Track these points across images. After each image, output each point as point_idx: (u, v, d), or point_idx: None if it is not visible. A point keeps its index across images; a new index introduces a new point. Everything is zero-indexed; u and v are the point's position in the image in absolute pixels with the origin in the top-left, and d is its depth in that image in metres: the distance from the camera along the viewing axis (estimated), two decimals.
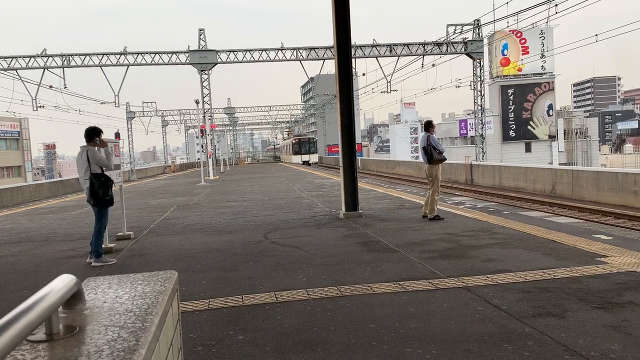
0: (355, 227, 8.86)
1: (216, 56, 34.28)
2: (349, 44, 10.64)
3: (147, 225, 10.59)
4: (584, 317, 3.94)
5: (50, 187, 30.12)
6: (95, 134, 7.28)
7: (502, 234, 7.56)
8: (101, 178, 7.16)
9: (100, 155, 7.22)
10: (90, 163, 7.07)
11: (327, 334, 3.87)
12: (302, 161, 60.06)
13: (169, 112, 71.26)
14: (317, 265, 6.13)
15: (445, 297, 4.65)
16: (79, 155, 7.21)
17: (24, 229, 11.11)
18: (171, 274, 1.82)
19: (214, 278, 5.80)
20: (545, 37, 56.17)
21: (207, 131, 32.63)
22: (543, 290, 4.68)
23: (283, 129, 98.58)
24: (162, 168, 65.16)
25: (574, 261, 5.69)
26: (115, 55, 32.89)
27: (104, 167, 7.22)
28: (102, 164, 7.17)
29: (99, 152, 7.26)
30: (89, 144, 7.23)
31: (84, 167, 7.10)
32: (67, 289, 1.34)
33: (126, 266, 6.80)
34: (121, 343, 1.19)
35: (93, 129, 7.40)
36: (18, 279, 6.37)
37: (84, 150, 7.16)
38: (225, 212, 12.30)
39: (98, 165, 7.13)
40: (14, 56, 32.01)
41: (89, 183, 7.10)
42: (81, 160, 7.14)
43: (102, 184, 7.14)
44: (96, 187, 7.08)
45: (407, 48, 34.11)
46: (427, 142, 9.45)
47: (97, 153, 7.19)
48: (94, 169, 7.10)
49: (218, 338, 3.91)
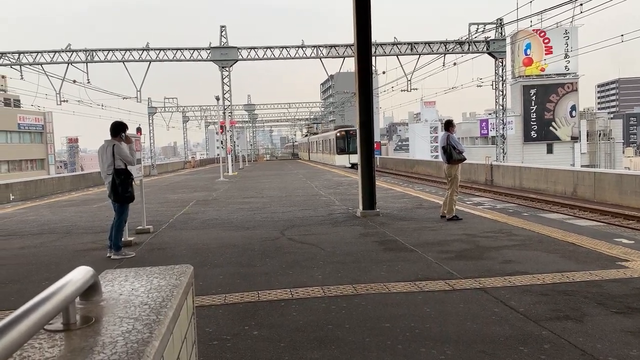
0: (372, 226, 8.84)
1: (237, 53, 34.46)
2: (369, 42, 10.61)
3: (167, 219, 10.71)
4: (602, 322, 3.88)
5: (73, 180, 30.62)
6: (121, 129, 7.31)
7: (521, 235, 7.48)
8: (122, 175, 7.16)
9: (125, 151, 7.24)
10: (115, 158, 7.09)
11: (341, 331, 3.88)
12: (351, 163, 38.27)
13: (190, 108, 71.91)
14: (334, 263, 6.14)
15: (462, 297, 4.62)
16: (103, 149, 7.23)
17: (46, 221, 11.32)
18: (186, 267, 1.84)
19: (230, 273, 5.85)
20: (570, 37, 55.29)
21: (227, 127, 32.82)
22: (561, 294, 4.62)
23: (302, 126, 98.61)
24: (182, 163, 65.78)
25: (594, 265, 5.60)
26: (137, 51, 33.28)
27: (127, 163, 7.25)
28: (125, 160, 7.19)
29: (124, 148, 7.28)
30: (114, 139, 7.24)
31: (107, 161, 7.13)
32: (84, 281, 1.36)
33: (144, 260, 6.89)
34: (135, 335, 1.21)
35: (120, 123, 7.43)
36: (40, 270, 6.50)
37: (109, 145, 7.16)
38: (244, 208, 12.37)
39: (122, 161, 7.15)
40: (39, 51, 32.59)
41: (110, 178, 7.13)
42: (105, 155, 7.16)
43: (123, 181, 7.15)
44: (117, 183, 7.11)
45: (428, 46, 33.89)
46: (447, 141, 9.37)
47: (123, 149, 7.21)
48: (117, 164, 7.11)
49: (234, 333, 3.94)
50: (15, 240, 8.86)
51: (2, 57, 32.39)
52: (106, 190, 7.46)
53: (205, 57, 34.33)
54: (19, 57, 32.42)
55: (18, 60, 32.33)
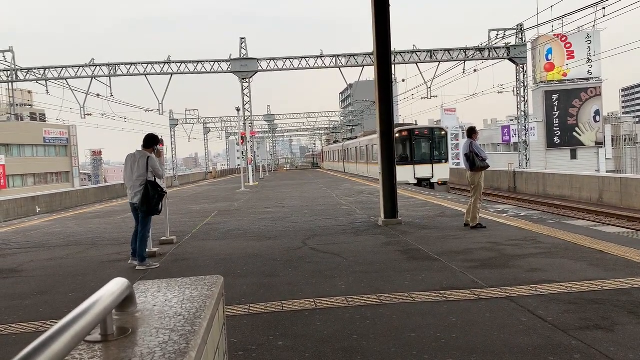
0: (394, 235, 8.80)
1: (257, 64, 34.74)
2: (388, 50, 10.62)
3: (190, 230, 10.81)
4: (634, 331, 3.80)
5: (97, 193, 31.11)
6: (155, 142, 7.36)
7: (547, 243, 7.37)
8: (157, 188, 7.19)
9: (157, 164, 7.28)
10: (147, 170, 7.11)
11: (366, 341, 3.86)
12: (418, 178, 26.65)
13: (211, 119, 72.59)
14: (356, 273, 6.12)
15: (488, 307, 4.57)
16: (134, 159, 7.21)
17: (72, 233, 11.51)
18: (217, 278, 1.86)
19: (254, 283, 5.87)
20: (592, 41, 54.56)
21: (248, 138, 33.05)
22: (590, 302, 4.54)
23: (321, 135, 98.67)
24: (204, 174, 66.38)
25: (623, 272, 5.49)
26: (159, 64, 33.78)
27: (157, 177, 7.28)
28: (156, 174, 7.23)
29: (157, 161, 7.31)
30: (147, 150, 7.26)
31: (139, 171, 7.12)
32: (120, 292, 1.39)
33: (169, 270, 6.95)
34: (172, 345, 1.23)
35: (154, 136, 7.47)
36: (67, 281, 6.60)
37: (143, 156, 7.17)
38: (265, 217, 12.42)
39: (153, 173, 7.18)
40: (64, 66, 33.28)
41: (143, 189, 7.10)
42: (137, 165, 7.15)
43: (158, 193, 7.19)
44: (151, 194, 7.10)
45: (447, 54, 33.74)
46: (470, 148, 9.31)
47: (156, 162, 7.25)
48: (149, 176, 7.14)
49: (258, 343, 3.96)
50: (43, 252, 9.03)
51: (29, 73, 33.16)
52: (127, 200, 7.48)
53: (226, 69, 34.68)
54: (45, 72, 33.15)
55: (44, 76, 33.06)
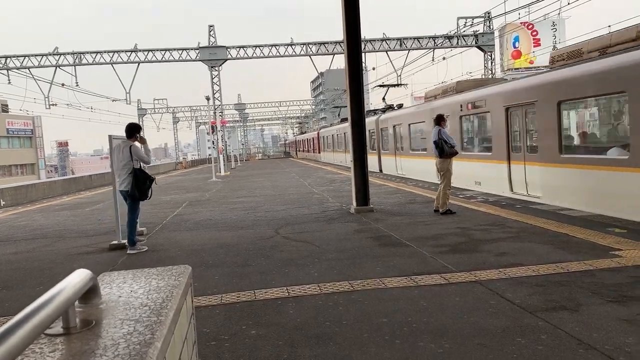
0: (366, 222, 8.86)
1: (226, 52, 34.37)
2: (358, 38, 10.60)
3: (160, 221, 10.66)
4: (598, 311, 3.91)
5: (64, 185, 30.40)
6: (136, 131, 7.63)
7: (515, 227, 7.52)
8: (145, 174, 7.49)
9: (141, 152, 7.54)
10: (132, 158, 7.40)
11: (339, 328, 3.88)
12: None
13: (180, 108, 71.63)
14: (329, 260, 6.14)
15: (458, 291, 4.64)
16: (119, 148, 7.52)
17: (38, 226, 11.24)
18: (185, 268, 1.83)
19: (226, 273, 5.84)
20: (557, 29, 55.56)
21: (218, 127, 32.73)
22: (556, 284, 4.65)
23: (293, 124, 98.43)
24: (174, 164, 65.47)
25: (587, 254, 5.65)
26: (126, 53, 33.09)
27: (144, 163, 7.58)
28: (142, 160, 7.53)
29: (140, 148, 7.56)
30: (130, 139, 7.54)
31: (124, 160, 7.43)
32: (83, 284, 1.36)
33: (139, 262, 6.86)
34: (137, 336, 1.20)
35: (134, 125, 7.75)
36: (34, 275, 6.45)
37: (126, 145, 7.46)
38: (237, 207, 12.34)
39: (138, 161, 7.46)
40: (27, 54, 32.33)
41: (132, 177, 7.39)
42: (121, 155, 7.46)
43: (149, 179, 7.50)
44: (141, 181, 7.41)
45: (417, 42, 33.96)
46: (439, 136, 9.41)
47: (139, 149, 7.52)
48: (135, 164, 7.43)
49: (231, 333, 3.94)
50: (8, 245, 8.79)
51: None
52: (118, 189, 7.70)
53: (194, 57, 34.20)
54: (6, 61, 32.14)
55: (5, 65, 32.06)
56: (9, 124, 60.44)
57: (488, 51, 34.50)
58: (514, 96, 11.72)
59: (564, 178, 9.84)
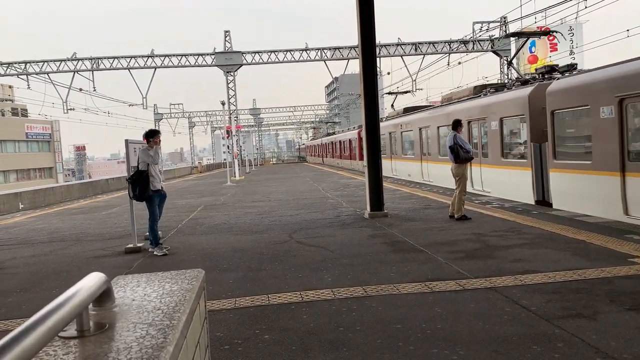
0: (380, 227, 8.82)
1: (241, 57, 34.57)
2: (373, 43, 10.59)
3: (175, 225, 10.73)
4: (615, 319, 3.85)
5: (81, 188, 30.76)
6: (149, 135, 8.07)
7: (531, 233, 7.43)
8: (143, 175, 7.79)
9: (144, 156, 7.88)
10: (138, 162, 7.90)
11: (353, 333, 3.86)
12: None
13: (196, 113, 72.16)
14: (343, 265, 6.12)
15: (473, 297, 4.60)
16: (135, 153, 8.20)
17: (55, 229, 11.37)
18: (198, 272, 1.84)
19: (240, 277, 5.85)
20: (575, 34, 55.04)
21: (233, 132, 32.90)
22: (573, 291, 4.58)
23: (307, 129, 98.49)
24: (190, 169, 65.88)
25: (605, 262, 5.56)
26: (142, 58, 33.46)
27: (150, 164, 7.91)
28: (147, 162, 7.87)
29: (148, 151, 7.89)
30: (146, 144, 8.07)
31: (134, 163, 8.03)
32: (97, 287, 1.37)
33: (154, 265, 6.90)
34: (150, 340, 1.21)
35: (148, 130, 8.32)
36: (50, 277, 6.53)
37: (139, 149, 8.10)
38: (251, 212, 12.38)
39: (145, 164, 7.83)
40: (46, 60, 32.82)
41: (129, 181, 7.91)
42: (135, 157, 8.10)
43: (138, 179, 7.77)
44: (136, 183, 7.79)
45: (432, 46, 33.86)
46: (454, 141, 9.35)
47: (143, 153, 7.89)
48: (141, 166, 7.82)
49: (245, 337, 3.94)
50: (26, 248, 8.91)
51: (9, 67, 32.66)
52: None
53: (210, 62, 34.47)
54: (26, 66, 32.67)
55: (25, 70, 32.59)
56: (28, 128, 61.37)
57: (504, 56, 34.24)
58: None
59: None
